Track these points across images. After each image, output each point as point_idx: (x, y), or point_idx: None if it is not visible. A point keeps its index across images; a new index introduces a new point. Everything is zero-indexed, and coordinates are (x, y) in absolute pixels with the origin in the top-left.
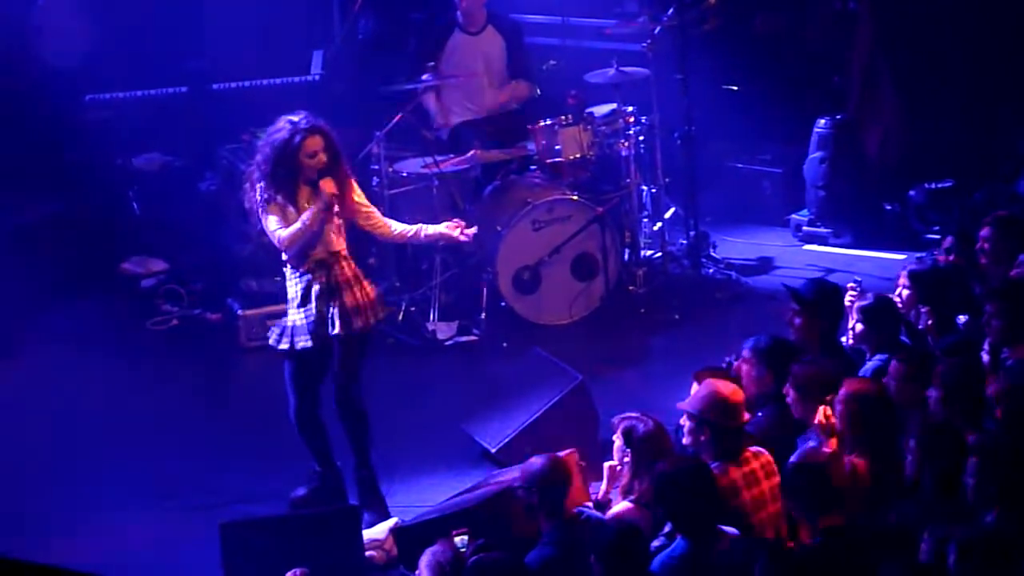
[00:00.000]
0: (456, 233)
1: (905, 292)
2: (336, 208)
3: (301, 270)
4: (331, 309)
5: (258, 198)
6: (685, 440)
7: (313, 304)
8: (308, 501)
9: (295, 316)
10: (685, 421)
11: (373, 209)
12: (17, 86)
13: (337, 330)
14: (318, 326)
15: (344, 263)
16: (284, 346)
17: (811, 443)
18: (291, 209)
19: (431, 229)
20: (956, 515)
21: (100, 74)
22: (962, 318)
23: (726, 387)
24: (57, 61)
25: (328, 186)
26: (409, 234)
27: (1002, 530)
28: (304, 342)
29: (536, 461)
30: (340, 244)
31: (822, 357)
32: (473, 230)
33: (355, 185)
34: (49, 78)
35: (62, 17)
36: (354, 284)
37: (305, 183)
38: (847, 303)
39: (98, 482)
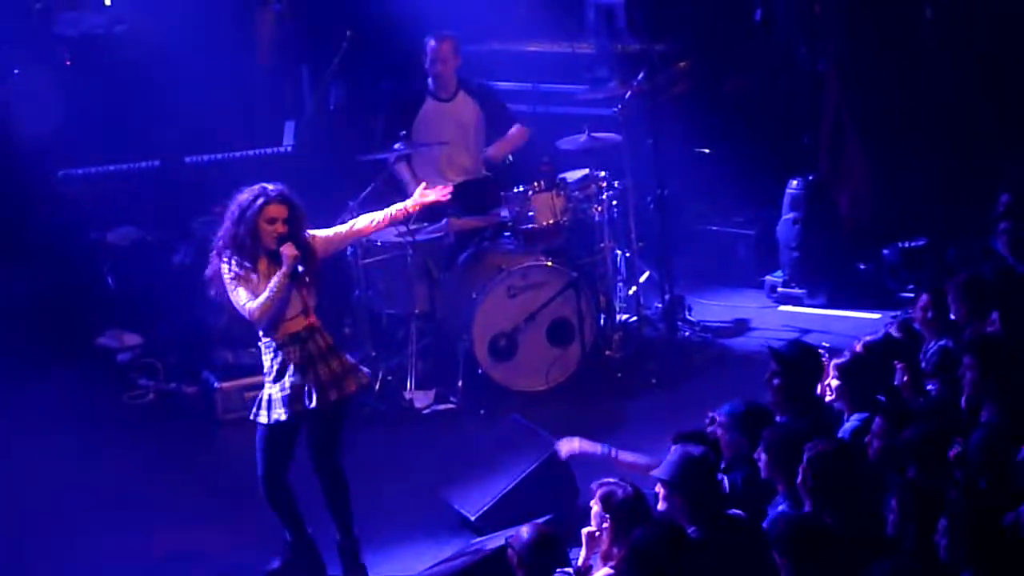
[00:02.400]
0: (432, 197)
1: (835, 383)
2: (301, 269)
3: (275, 344)
4: (306, 383)
5: (225, 273)
6: (660, 507)
7: (287, 379)
8: (283, 573)
9: (271, 389)
10: (659, 488)
11: (341, 228)
12: None
13: (314, 403)
14: (293, 401)
15: (318, 336)
16: (263, 419)
17: (781, 507)
18: (255, 279)
19: (409, 203)
20: (937, 574)
21: (72, 148)
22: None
23: (697, 451)
24: (29, 135)
25: (289, 249)
26: (387, 219)
27: None
28: (279, 415)
29: (525, 532)
30: (312, 318)
31: (800, 417)
32: (449, 188)
33: (316, 233)
34: (21, 153)
35: (34, 92)
36: (329, 356)
37: (265, 252)
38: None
39: (73, 558)
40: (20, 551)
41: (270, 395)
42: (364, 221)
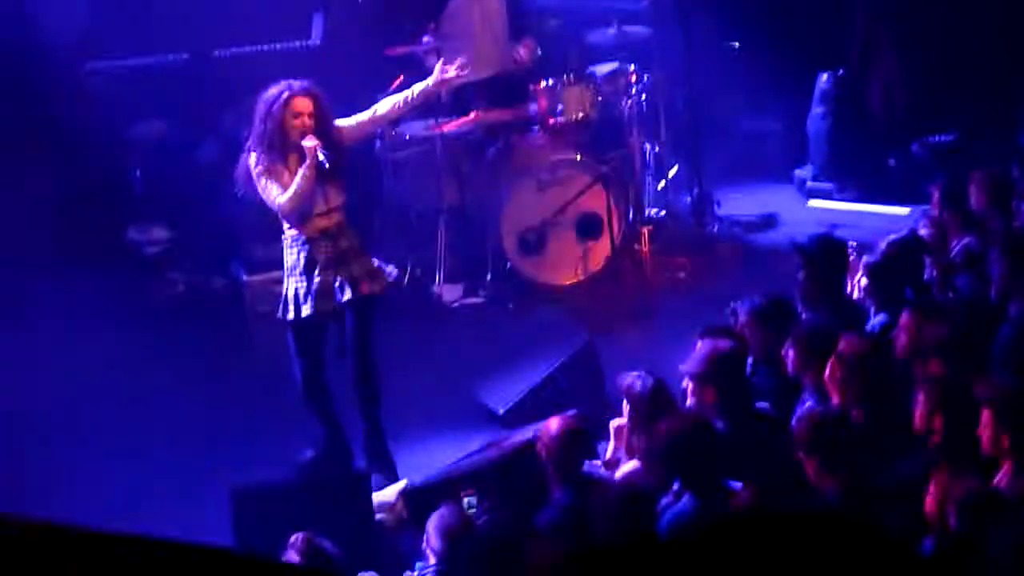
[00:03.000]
0: (452, 73)
1: (864, 281)
2: (323, 159)
3: (304, 238)
4: (337, 277)
5: (254, 169)
6: (689, 402)
7: (318, 272)
8: (315, 464)
9: (297, 284)
10: (687, 383)
11: (363, 115)
12: (14, 55)
13: (348, 295)
14: (322, 294)
15: (349, 234)
16: (291, 315)
17: (808, 403)
18: (284, 174)
19: (429, 82)
20: (965, 468)
21: (99, 42)
22: None
23: (725, 344)
24: (54, 29)
25: (310, 141)
26: (409, 101)
27: (1000, 487)
28: (308, 309)
29: (553, 424)
30: (341, 215)
31: (825, 314)
32: (466, 60)
33: (340, 122)
34: (45, 46)
35: None
36: (359, 255)
37: (293, 147)
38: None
39: (107, 450)
40: (48, 444)
41: (296, 290)
42: (386, 105)
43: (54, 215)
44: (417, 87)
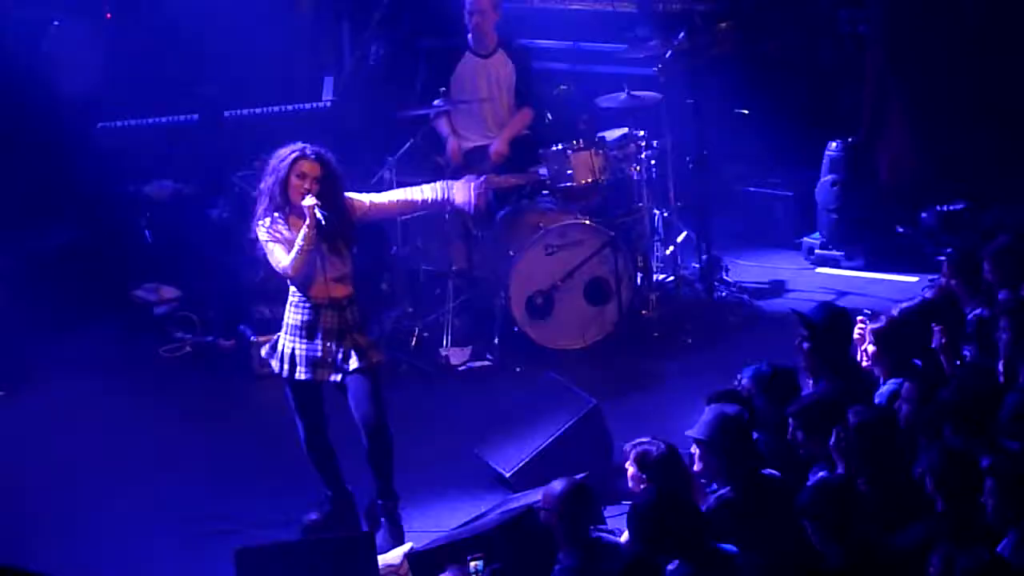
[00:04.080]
0: (474, 201)
1: (871, 348)
2: (322, 219)
3: (311, 303)
4: (340, 348)
5: (262, 230)
6: (696, 467)
7: (319, 341)
8: (321, 526)
9: (295, 345)
10: (695, 448)
11: (380, 198)
12: (29, 113)
13: (356, 364)
14: (320, 364)
15: (356, 308)
16: (276, 368)
17: (821, 474)
18: (290, 237)
19: (447, 195)
20: (970, 537)
21: (111, 101)
22: None
23: (732, 409)
24: (69, 88)
25: (309, 200)
26: (424, 203)
27: (1006, 557)
28: (302, 374)
29: (557, 485)
30: (351, 288)
31: (829, 382)
32: (482, 186)
33: (352, 198)
34: (61, 105)
35: (74, 44)
36: (361, 329)
37: (295, 209)
38: (856, 333)
39: (112, 509)
40: (54, 503)
41: (293, 350)
42: (401, 200)
43: (65, 270)
44: (432, 193)
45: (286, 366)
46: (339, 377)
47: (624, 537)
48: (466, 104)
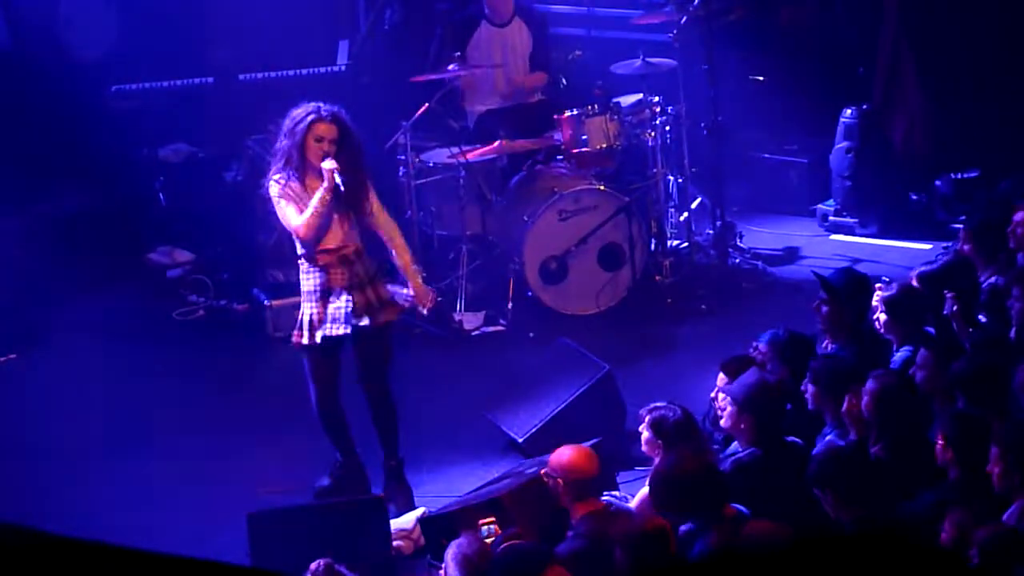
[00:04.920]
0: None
1: (883, 316)
2: (340, 184)
3: (321, 263)
4: (355, 304)
5: (274, 190)
6: (724, 423)
7: (333, 299)
8: (332, 491)
9: (313, 309)
10: (728, 406)
11: (383, 222)
12: (44, 77)
13: (365, 322)
14: (335, 320)
15: (365, 261)
16: (306, 340)
17: (830, 437)
18: (304, 198)
19: (406, 269)
20: (983, 503)
21: (126, 65)
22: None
23: (773, 378)
24: (84, 52)
25: (329, 164)
26: (393, 251)
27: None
28: (320, 335)
29: (565, 451)
30: (358, 242)
31: (847, 346)
32: (430, 304)
33: (371, 190)
34: (76, 69)
35: (89, 8)
36: (375, 282)
37: (312, 170)
38: (875, 300)
39: (124, 472)
40: (67, 465)
41: (311, 315)
42: (389, 234)
43: (80, 234)
44: (402, 263)
45: (305, 332)
46: (348, 330)
47: (634, 502)
48: (481, 70)
